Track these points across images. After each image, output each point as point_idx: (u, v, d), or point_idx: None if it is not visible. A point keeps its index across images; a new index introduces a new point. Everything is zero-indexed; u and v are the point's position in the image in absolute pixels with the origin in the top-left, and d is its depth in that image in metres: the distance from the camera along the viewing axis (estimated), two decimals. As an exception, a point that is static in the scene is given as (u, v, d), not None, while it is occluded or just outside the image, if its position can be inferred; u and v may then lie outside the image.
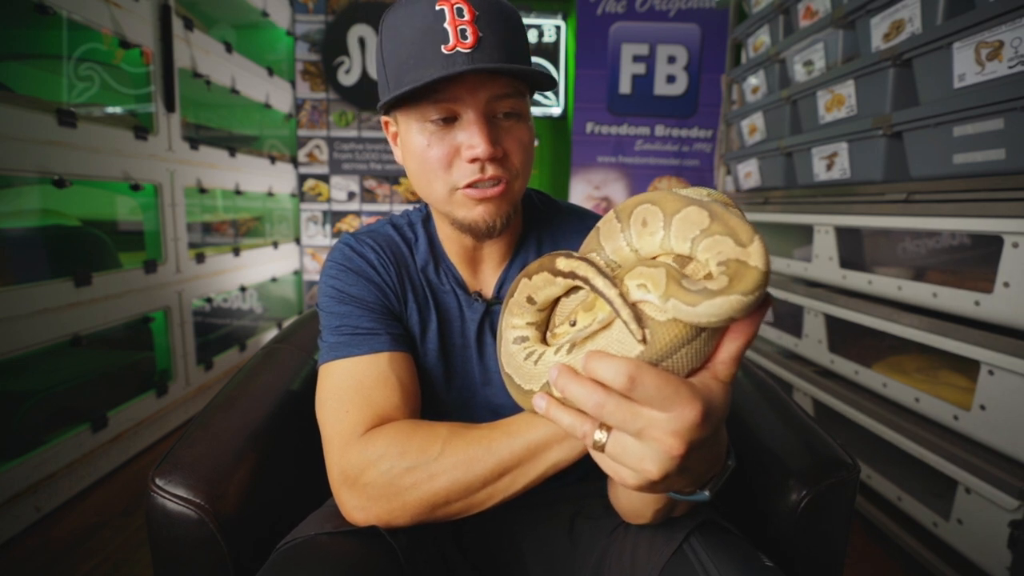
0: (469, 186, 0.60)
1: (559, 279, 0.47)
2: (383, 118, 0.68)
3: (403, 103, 0.60)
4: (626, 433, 0.39)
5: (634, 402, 0.38)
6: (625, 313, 0.40)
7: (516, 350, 0.51)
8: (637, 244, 0.45)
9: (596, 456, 0.42)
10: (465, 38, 0.55)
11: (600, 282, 0.42)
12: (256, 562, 0.58)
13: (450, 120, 0.59)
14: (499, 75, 0.58)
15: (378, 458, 0.55)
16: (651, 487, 0.40)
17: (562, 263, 0.46)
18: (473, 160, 0.59)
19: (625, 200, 0.49)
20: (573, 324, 0.46)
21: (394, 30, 0.59)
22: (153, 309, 2.03)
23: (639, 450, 0.39)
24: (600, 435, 0.40)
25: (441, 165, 0.60)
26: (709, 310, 0.36)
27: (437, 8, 0.55)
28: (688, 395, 0.37)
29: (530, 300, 0.51)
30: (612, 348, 0.41)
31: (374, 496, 0.55)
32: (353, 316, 0.64)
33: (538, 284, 0.49)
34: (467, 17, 0.55)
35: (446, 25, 0.55)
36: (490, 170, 0.59)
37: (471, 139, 0.58)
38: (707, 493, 0.46)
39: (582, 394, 0.39)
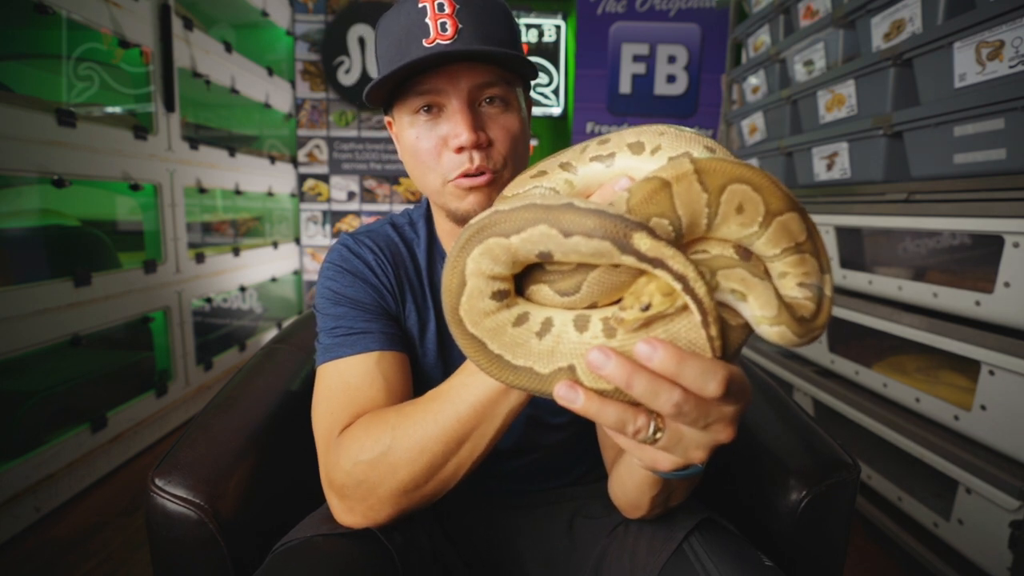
0: (459, 177, 0.60)
1: (628, 258, 0.35)
2: (386, 118, 0.69)
3: (394, 99, 0.62)
4: (693, 428, 0.38)
5: (710, 401, 0.37)
6: (714, 331, 0.35)
7: (494, 307, 0.41)
8: (718, 227, 0.38)
9: (628, 444, 0.40)
10: (445, 31, 0.57)
11: (700, 288, 0.34)
12: (256, 562, 0.57)
13: (437, 112, 0.60)
14: (480, 63, 0.59)
15: (344, 458, 0.54)
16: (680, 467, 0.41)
17: (646, 244, 0.34)
18: (459, 149, 0.59)
19: (700, 150, 0.40)
20: (646, 309, 0.36)
21: (385, 30, 0.61)
22: (153, 309, 2.03)
23: (695, 439, 0.39)
24: (653, 427, 0.39)
25: (431, 156, 0.61)
26: (805, 340, 0.38)
27: (420, 5, 0.57)
28: (749, 386, 0.39)
29: (542, 256, 0.38)
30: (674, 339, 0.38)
31: (352, 496, 0.54)
32: (348, 317, 0.64)
33: (581, 249, 0.36)
34: (447, 11, 0.57)
35: (427, 20, 0.57)
36: (476, 160, 0.59)
37: (454, 128, 0.59)
38: (700, 464, 0.45)
39: (659, 393, 0.35)
